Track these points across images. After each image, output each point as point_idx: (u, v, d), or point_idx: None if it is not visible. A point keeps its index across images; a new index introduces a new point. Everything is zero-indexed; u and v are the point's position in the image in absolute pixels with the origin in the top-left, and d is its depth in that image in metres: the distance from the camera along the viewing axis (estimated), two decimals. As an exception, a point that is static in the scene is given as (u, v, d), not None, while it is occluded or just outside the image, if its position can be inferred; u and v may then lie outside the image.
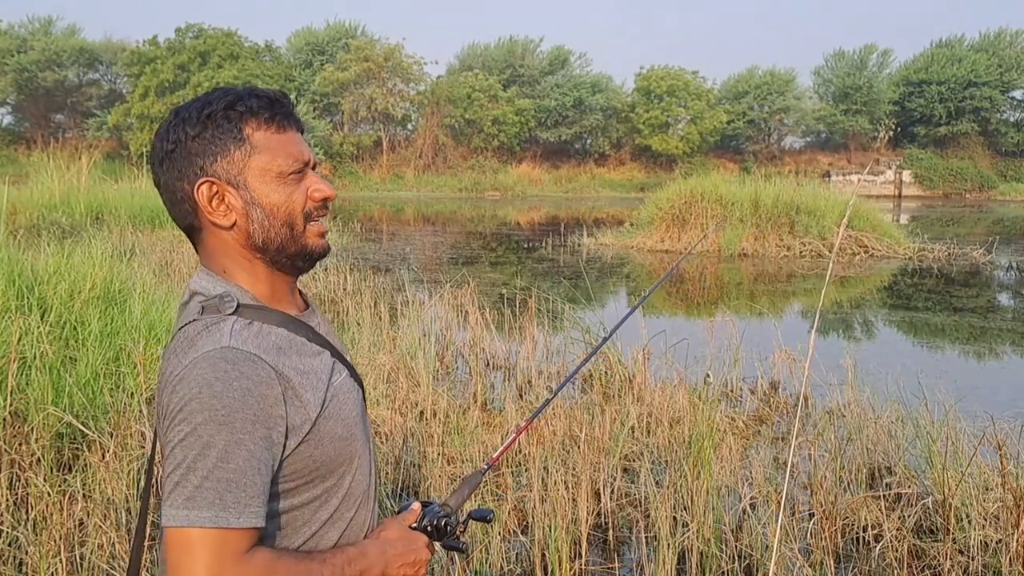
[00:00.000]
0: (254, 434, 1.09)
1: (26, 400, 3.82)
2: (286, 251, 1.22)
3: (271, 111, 1.21)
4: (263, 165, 1.20)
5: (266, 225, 1.20)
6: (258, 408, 1.10)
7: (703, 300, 10.99)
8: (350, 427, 1.24)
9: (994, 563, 3.29)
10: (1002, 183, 43.25)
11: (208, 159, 1.19)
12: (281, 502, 1.17)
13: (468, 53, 48.75)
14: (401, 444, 4.32)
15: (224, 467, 1.07)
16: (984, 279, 13.21)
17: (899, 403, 4.66)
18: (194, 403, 1.08)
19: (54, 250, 5.97)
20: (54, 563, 2.88)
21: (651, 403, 4.91)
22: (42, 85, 42.38)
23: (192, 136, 1.19)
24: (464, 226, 22.69)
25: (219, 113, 1.19)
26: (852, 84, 45.55)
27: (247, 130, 1.19)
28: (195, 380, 1.09)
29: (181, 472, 1.07)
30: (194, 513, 1.05)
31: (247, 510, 1.08)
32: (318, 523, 1.22)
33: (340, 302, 8.48)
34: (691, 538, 3.36)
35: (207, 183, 1.19)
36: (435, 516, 1.34)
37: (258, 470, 1.09)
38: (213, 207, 1.19)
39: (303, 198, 1.23)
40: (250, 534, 1.09)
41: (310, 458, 1.18)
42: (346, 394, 1.25)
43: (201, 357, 1.11)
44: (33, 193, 15.34)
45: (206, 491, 1.06)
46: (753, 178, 17.25)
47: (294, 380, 1.16)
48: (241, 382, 1.09)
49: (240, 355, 1.11)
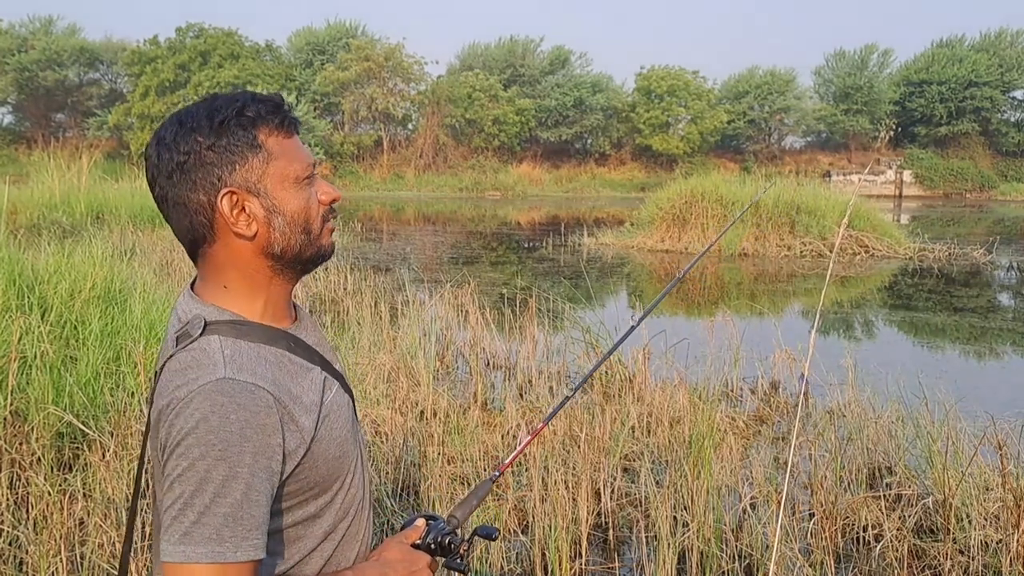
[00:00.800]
0: (253, 466, 1.08)
1: (26, 399, 3.82)
2: (302, 256, 1.21)
3: (279, 116, 1.19)
4: (280, 171, 1.17)
5: (287, 232, 1.19)
6: (257, 440, 1.09)
7: (703, 300, 10.99)
8: (343, 445, 1.23)
9: (994, 563, 3.29)
10: (1003, 183, 43.23)
11: (226, 168, 1.15)
12: (274, 521, 1.16)
13: (468, 53, 48.76)
14: (401, 444, 4.32)
15: (221, 501, 1.06)
16: (984, 279, 13.21)
17: (899, 403, 4.66)
18: (191, 438, 1.07)
19: (54, 250, 5.97)
20: (54, 562, 2.88)
21: (651, 403, 4.91)
22: (42, 85, 42.38)
23: (207, 145, 1.15)
24: (464, 226, 22.69)
25: (232, 120, 1.15)
26: (852, 84, 45.54)
27: (261, 136, 1.17)
28: (192, 415, 1.07)
29: (179, 507, 1.06)
30: (191, 549, 1.04)
31: (244, 543, 1.06)
32: (312, 538, 1.21)
33: (340, 302, 8.48)
34: (691, 538, 3.36)
35: (229, 193, 1.15)
36: (439, 533, 1.29)
37: (256, 502, 1.08)
38: (235, 217, 1.16)
39: (316, 202, 1.22)
40: (248, 567, 1.07)
41: (305, 480, 1.17)
42: (338, 411, 1.24)
43: (198, 391, 1.09)
44: (33, 193, 15.36)
45: (203, 527, 1.05)
46: (753, 178, 17.28)
47: (290, 406, 1.14)
48: (239, 414, 1.08)
49: (237, 386, 1.09)
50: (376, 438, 4.35)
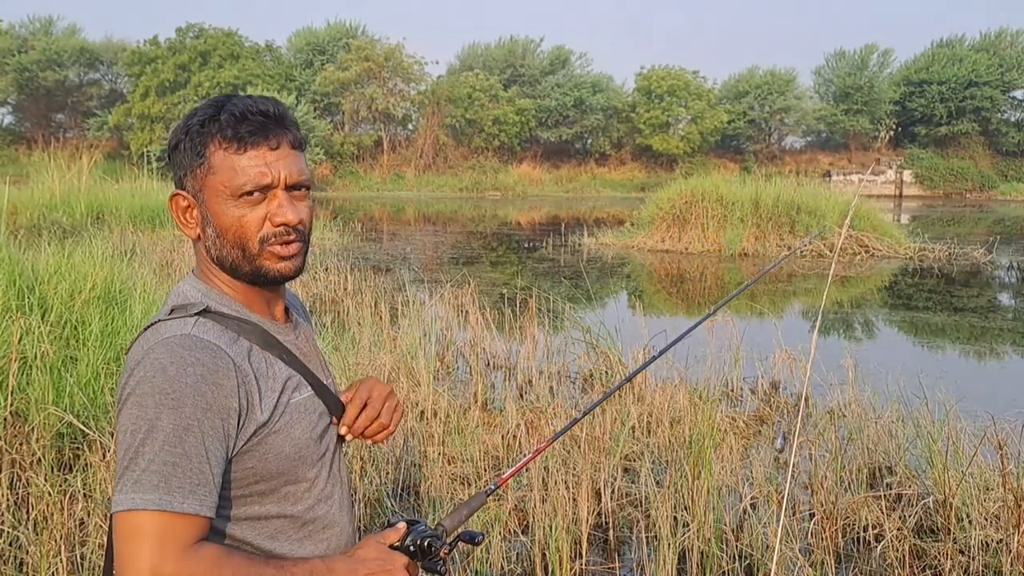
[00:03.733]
0: (204, 422, 1.07)
1: (27, 400, 3.82)
2: (239, 270, 1.21)
3: (235, 128, 1.17)
4: (215, 185, 1.19)
5: (218, 244, 1.20)
6: (211, 396, 1.08)
7: (704, 300, 10.99)
8: (301, 449, 1.19)
9: (995, 563, 3.29)
10: (1003, 183, 43.23)
11: (180, 171, 1.22)
12: (219, 513, 1.13)
13: (468, 53, 48.76)
14: (401, 444, 4.32)
15: (171, 450, 1.05)
16: (985, 279, 13.21)
17: (900, 403, 4.65)
18: (145, 385, 1.07)
19: (55, 250, 5.96)
20: (55, 563, 2.88)
21: (651, 403, 4.91)
22: (43, 85, 42.38)
23: (173, 146, 1.23)
24: (465, 226, 22.68)
25: (194, 128, 1.20)
26: (853, 84, 45.54)
27: (210, 148, 1.19)
28: (150, 364, 1.08)
29: (130, 456, 1.05)
30: (139, 496, 1.03)
31: (193, 496, 1.05)
32: (258, 547, 1.17)
33: (340, 302, 8.48)
34: (692, 538, 3.36)
35: (179, 195, 1.23)
36: (420, 536, 1.25)
37: (207, 459, 1.07)
38: (184, 219, 1.23)
39: (259, 221, 1.19)
40: (197, 522, 1.06)
41: (251, 469, 1.15)
42: (304, 415, 1.21)
43: (161, 342, 1.11)
44: (34, 193, 15.34)
45: (151, 474, 1.04)
46: (753, 178, 17.25)
47: (249, 378, 1.14)
48: (196, 368, 1.08)
49: (199, 343, 1.11)
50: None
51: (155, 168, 18.95)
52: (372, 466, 4.04)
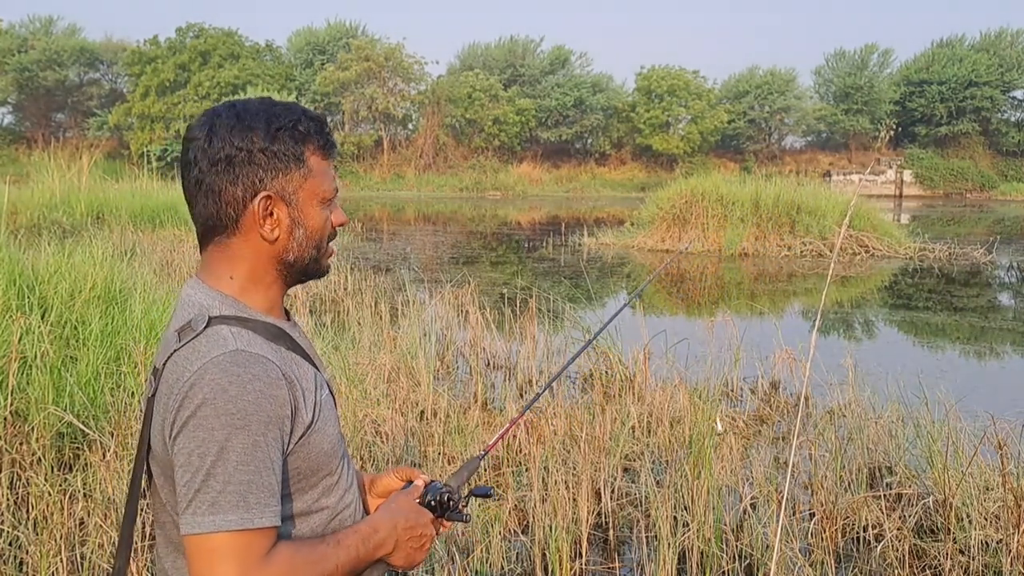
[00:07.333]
0: (267, 435, 1.11)
1: (27, 400, 3.82)
2: (308, 269, 1.28)
3: (323, 137, 1.26)
4: (313, 188, 1.24)
5: (304, 245, 1.25)
6: (271, 409, 1.12)
7: (703, 300, 10.99)
8: (333, 443, 1.25)
9: (995, 563, 3.29)
10: (1003, 183, 43.23)
11: (270, 173, 1.21)
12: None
13: (469, 53, 48.76)
14: (402, 444, 4.32)
15: (244, 469, 1.08)
16: (985, 279, 13.21)
17: (899, 403, 4.66)
18: (208, 408, 1.08)
19: (55, 250, 5.97)
20: (55, 562, 2.88)
21: (651, 403, 4.91)
22: (43, 85, 42.38)
23: (260, 148, 1.20)
24: (465, 226, 22.68)
25: (287, 131, 1.22)
26: (853, 84, 45.53)
27: (307, 152, 1.24)
28: (208, 386, 1.09)
29: (201, 478, 1.07)
30: (220, 518, 1.06)
31: (268, 509, 1.09)
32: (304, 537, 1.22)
33: (341, 302, 8.48)
34: (691, 538, 3.36)
35: (265, 197, 1.21)
36: (438, 492, 1.37)
37: (272, 470, 1.11)
38: (264, 220, 1.22)
39: (329, 223, 1.29)
40: (272, 533, 1.10)
41: (296, 469, 1.19)
42: (329, 411, 1.27)
43: (211, 362, 1.11)
44: (34, 193, 15.34)
45: (229, 495, 1.07)
46: (753, 178, 17.25)
47: (295, 383, 1.18)
48: (254, 384, 1.11)
49: (250, 357, 1.13)
50: (376, 438, 4.35)
51: (155, 168, 18.95)
52: (372, 466, 4.04)
